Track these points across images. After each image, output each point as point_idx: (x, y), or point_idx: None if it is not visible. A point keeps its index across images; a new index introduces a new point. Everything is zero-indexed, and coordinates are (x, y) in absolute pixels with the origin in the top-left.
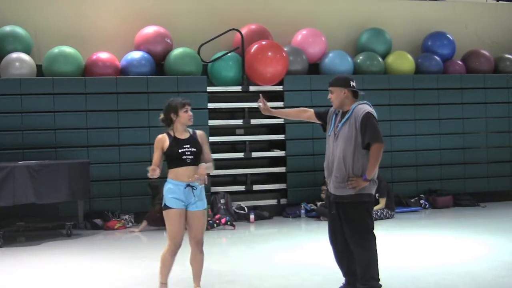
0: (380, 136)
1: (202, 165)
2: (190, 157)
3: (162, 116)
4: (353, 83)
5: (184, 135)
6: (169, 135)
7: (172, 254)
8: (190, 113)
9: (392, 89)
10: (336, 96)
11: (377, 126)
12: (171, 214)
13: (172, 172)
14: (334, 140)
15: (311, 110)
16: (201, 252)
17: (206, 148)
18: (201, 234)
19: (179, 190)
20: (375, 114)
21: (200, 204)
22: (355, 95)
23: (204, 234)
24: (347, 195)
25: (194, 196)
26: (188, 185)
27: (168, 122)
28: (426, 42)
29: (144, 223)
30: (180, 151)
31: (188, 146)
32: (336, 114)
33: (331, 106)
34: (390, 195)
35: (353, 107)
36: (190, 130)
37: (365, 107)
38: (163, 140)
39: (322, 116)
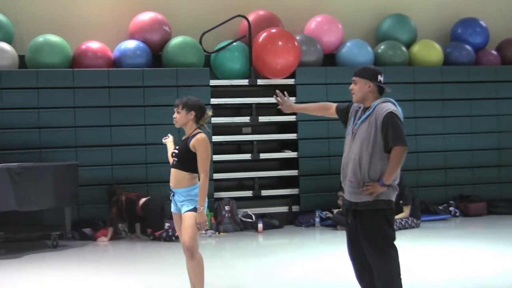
0: (404, 138)
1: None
2: (175, 159)
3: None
4: (381, 78)
5: (185, 136)
6: None
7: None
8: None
9: (417, 83)
10: (359, 88)
11: (400, 127)
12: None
13: None
14: (352, 139)
15: (334, 105)
16: (191, 258)
17: (198, 156)
18: (187, 238)
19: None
20: (400, 114)
21: (186, 206)
22: (380, 91)
23: (192, 239)
24: (363, 202)
25: (176, 201)
26: (169, 189)
27: None
28: (455, 29)
29: (110, 230)
30: (172, 151)
31: (177, 147)
32: (357, 111)
33: (351, 101)
34: (415, 202)
35: (375, 104)
36: (197, 133)
37: (389, 106)
38: None
39: (342, 112)
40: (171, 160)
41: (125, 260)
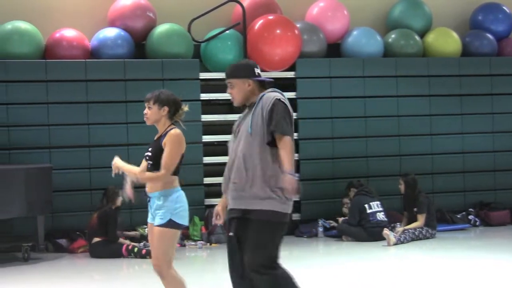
0: (291, 128)
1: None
2: (149, 162)
3: None
4: (258, 71)
5: (157, 135)
6: None
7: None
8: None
9: (432, 76)
10: (238, 90)
11: (289, 115)
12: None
13: None
14: (235, 140)
15: None
16: (162, 278)
17: (164, 151)
18: (154, 257)
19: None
20: (287, 102)
21: (159, 218)
22: (261, 84)
23: (161, 259)
24: (255, 209)
25: (151, 207)
26: (145, 194)
27: None
28: (475, 16)
29: None
30: (145, 154)
31: (150, 149)
32: (239, 116)
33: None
34: (431, 209)
35: (262, 95)
36: (171, 129)
37: (275, 94)
38: None
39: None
40: (144, 165)
41: (106, 275)
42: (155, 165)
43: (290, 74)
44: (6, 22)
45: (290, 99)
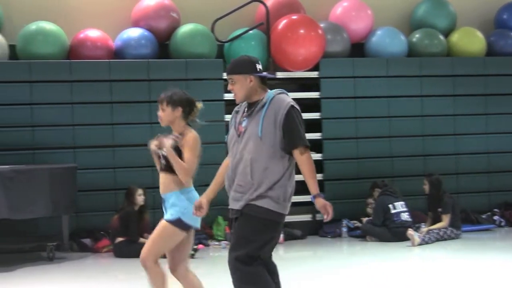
0: (305, 136)
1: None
2: (163, 162)
3: None
4: (259, 66)
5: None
6: None
7: None
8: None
9: (457, 75)
10: (240, 86)
11: (303, 124)
12: None
13: None
14: (240, 140)
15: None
16: (145, 269)
17: (185, 153)
18: (148, 247)
19: None
20: (298, 106)
21: (169, 214)
22: (263, 81)
23: (150, 252)
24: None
25: (165, 208)
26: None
27: None
28: (500, 15)
29: None
30: (161, 153)
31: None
32: (237, 112)
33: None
34: (455, 210)
35: (270, 96)
36: (187, 130)
37: (287, 99)
38: None
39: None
40: (158, 164)
41: (130, 275)
42: (169, 165)
43: (314, 74)
44: (31, 22)
45: (313, 99)
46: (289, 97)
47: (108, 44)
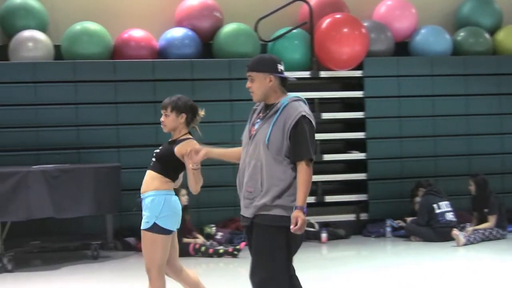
0: (311, 150)
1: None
2: (154, 159)
3: None
4: (281, 67)
5: (172, 138)
6: None
7: None
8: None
9: (502, 74)
10: (259, 85)
11: (313, 136)
12: None
13: None
14: (250, 142)
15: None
16: (149, 280)
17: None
18: (145, 261)
19: None
20: (313, 118)
21: (144, 221)
22: (283, 83)
23: (151, 263)
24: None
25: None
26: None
27: None
28: None
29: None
30: (154, 151)
31: (160, 148)
32: (254, 110)
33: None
34: (502, 210)
35: (285, 103)
36: (186, 138)
37: (302, 106)
38: None
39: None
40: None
41: None
42: (158, 162)
43: (358, 73)
44: (75, 23)
45: (357, 98)
46: (305, 105)
47: (152, 44)
